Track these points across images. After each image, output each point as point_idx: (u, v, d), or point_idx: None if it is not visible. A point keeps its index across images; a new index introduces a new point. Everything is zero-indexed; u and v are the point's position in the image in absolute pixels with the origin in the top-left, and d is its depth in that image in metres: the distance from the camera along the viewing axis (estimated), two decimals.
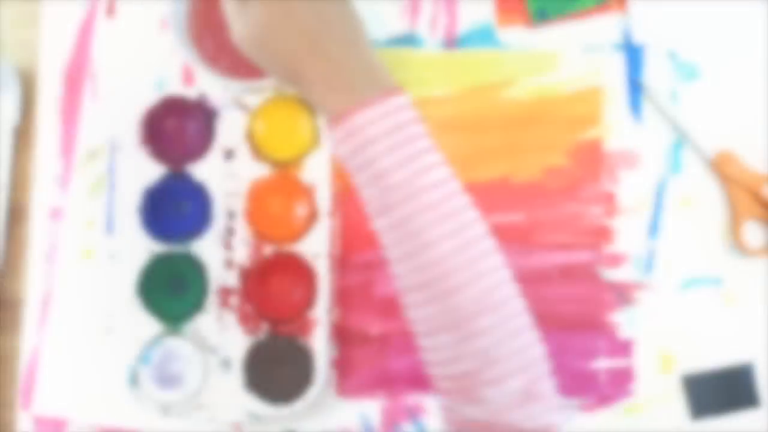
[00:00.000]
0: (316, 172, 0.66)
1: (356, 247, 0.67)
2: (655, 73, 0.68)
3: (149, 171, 0.66)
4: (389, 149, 0.45)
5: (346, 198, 0.67)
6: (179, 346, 0.65)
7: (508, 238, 0.67)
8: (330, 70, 0.47)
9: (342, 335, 0.67)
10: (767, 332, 0.66)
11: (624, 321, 0.66)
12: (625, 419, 0.66)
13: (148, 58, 0.69)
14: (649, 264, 0.67)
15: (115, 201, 0.68)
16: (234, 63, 0.65)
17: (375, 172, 0.46)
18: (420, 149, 0.46)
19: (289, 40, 0.47)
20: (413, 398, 0.67)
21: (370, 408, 0.67)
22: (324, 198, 0.66)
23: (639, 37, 0.68)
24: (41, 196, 0.68)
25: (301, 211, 0.66)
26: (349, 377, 0.67)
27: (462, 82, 0.68)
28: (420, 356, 0.67)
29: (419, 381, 0.66)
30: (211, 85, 0.67)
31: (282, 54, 0.48)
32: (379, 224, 0.47)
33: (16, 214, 0.69)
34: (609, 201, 0.67)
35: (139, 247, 0.65)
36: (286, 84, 0.50)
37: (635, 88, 0.68)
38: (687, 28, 0.68)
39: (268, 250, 0.65)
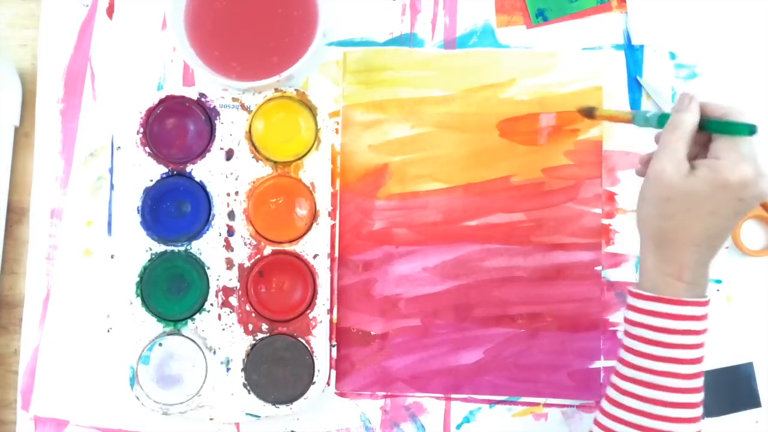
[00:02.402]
0: (316, 172, 0.66)
1: (356, 247, 0.67)
2: (655, 73, 0.68)
3: (149, 171, 0.66)
4: (688, 346, 0.51)
5: (346, 198, 0.68)
6: (179, 346, 0.65)
7: (509, 238, 0.67)
8: (691, 264, 0.51)
9: (342, 335, 0.67)
10: (767, 332, 0.66)
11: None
12: None
13: (148, 58, 0.69)
14: None
15: (115, 201, 0.68)
16: (234, 63, 0.65)
17: (664, 354, 0.51)
18: (701, 356, 0.52)
19: (693, 222, 0.51)
20: (413, 398, 0.67)
21: (370, 408, 0.67)
22: (324, 198, 0.66)
23: (639, 37, 0.68)
24: (41, 196, 0.68)
25: (301, 211, 0.66)
26: (350, 377, 0.67)
27: (462, 82, 0.68)
28: (419, 356, 0.67)
29: (419, 381, 0.67)
30: (211, 85, 0.67)
31: (674, 221, 0.51)
32: (627, 386, 0.53)
33: (16, 214, 0.69)
34: (609, 201, 0.67)
35: (139, 247, 0.65)
36: (646, 237, 0.53)
37: (635, 88, 0.68)
38: (687, 28, 0.68)
39: (268, 250, 0.65)
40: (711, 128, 0.51)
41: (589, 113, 0.64)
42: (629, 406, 0.52)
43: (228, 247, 0.66)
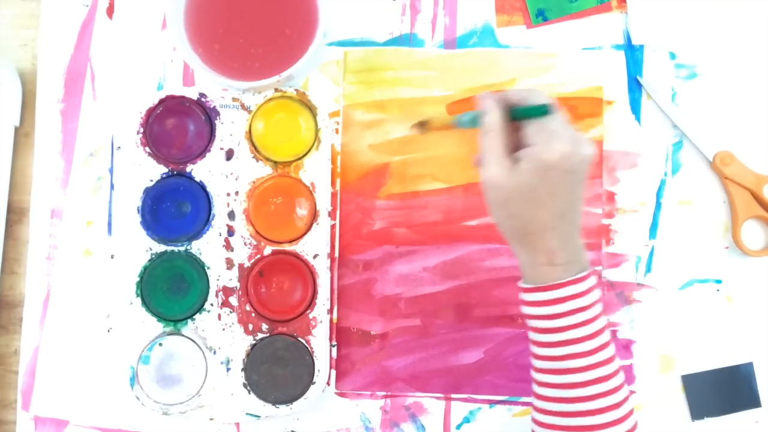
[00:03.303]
0: (316, 172, 0.66)
1: (356, 247, 0.67)
2: (655, 73, 0.68)
3: (149, 171, 0.66)
4: (580, 323, 0.52)
5: (346, 198, 0.68)
6: (179, 346, 0.65)
7: None
8: (557, 247, 0.52)
9: (342, 335, 0.67)
10: (767, 332, 0.66)
11: (624, 321, 0.67)
12: None
13: (148, 58, 0.69)
14: (649, 264, 0.67)
15: (115, 201, 0.68)
16: (234, 63, 0.65)
17: (561, 338, 0.52)
18: (599, 327, 0.52)
19: (539, 210, 0.51)
20: (413, 398, 0.67)
21: (370, 408, 0.67)
22: (324, 198, 0.66)
23: (639, 37, 0.68)
24: (41, 196, 0.68)
25: (301, 211, 0.66)
26: (349, 377, 0.67)
27: (462, 82, 0.68)
28: (419, 356, 0.67)
29: (419, 381, 0.67)
30: (211, 85, 0.67)
31: (522, 216, 0.52)
32: (544, 378, 0.54)
33: (16, 214, 0.69)
34: (609, 201, 0.67)
35: (139, 247, 0.65)
36: (507, 237, 0.54)
37: (635, 88, 0.68)
38: (687, 28, 0.68)
39: (268, 250, 0.65)
40: (514, 117, 0.53)
41: (422, 126, 0.60)
42: (549, 396, 0.53)
43: (228, 247, 0.66)
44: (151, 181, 0.66)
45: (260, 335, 0.65)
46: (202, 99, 0.66)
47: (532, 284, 0.53)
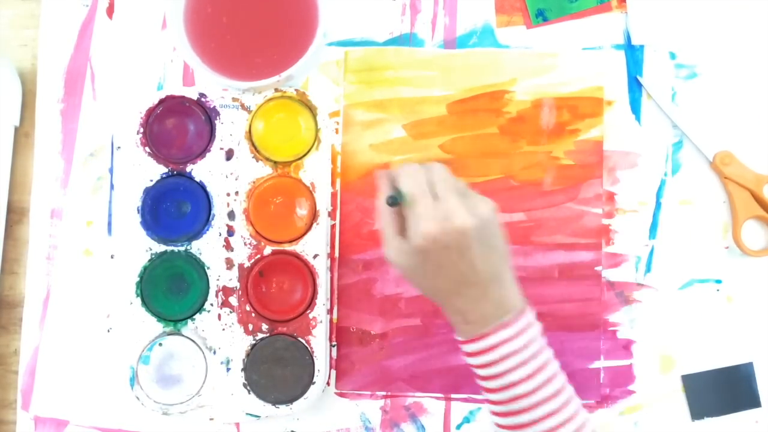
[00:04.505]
0: (316, 172, 0.66)
1: (356, 247, 0.67)
2: (655, 73, 0.68)
3: (149, 171, 0.66)
4: (521, 364, 0.53)
5: (346, 197, 0.67)
6: (179, 346, 0.65)
7: (509, 238, 0.67)
8: (467, 308, 0.54)
9: (342, 335, 0.67)
10: (767, 332, 0.66)
11: (624, 321, 0.67)
12: (625, 419, 0.66)
13: (148, 58, 0.69)
14: (648, 264, 0.67)
15: (115, 201, 0.68)
16: (234, 63, 0.65)
17: (505, 382, 0.53)
18: (544, 361, 0.53)
19: (434, 282, 0.54)
20: (413, 398, 0.67)
21: (370, 408, 0.67)
22: (324, 198, 0.66)
23: (639, 37, 0.68)
24: (41, 196, 0.68)
25: (301, 211, 0.66)
26: (349, 377, 0.67)
27: (462, 82, 0.68)
28: (419, 356, 0.67)
29: (419, 381, 0.67)
30: (211, 85, 0.67)
31: (424, 287, 0.55)
32: (502, 421, 0.54)
33: (16, 214, 0.69)
34: (609, 201, 0.67)
35: (139, 247, 0.65)
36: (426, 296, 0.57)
37: (635, 88, 0.68)
38: (687, 28, 0.68)
39: (268, 250, 0.65)
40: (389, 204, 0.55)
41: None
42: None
43: (228, 247, 0.66)
44: (151, 181, 0.66)
45: (260, 335, 0.65)
46: (202, 99, 0.66)
47: (462, 337, 0.55)
